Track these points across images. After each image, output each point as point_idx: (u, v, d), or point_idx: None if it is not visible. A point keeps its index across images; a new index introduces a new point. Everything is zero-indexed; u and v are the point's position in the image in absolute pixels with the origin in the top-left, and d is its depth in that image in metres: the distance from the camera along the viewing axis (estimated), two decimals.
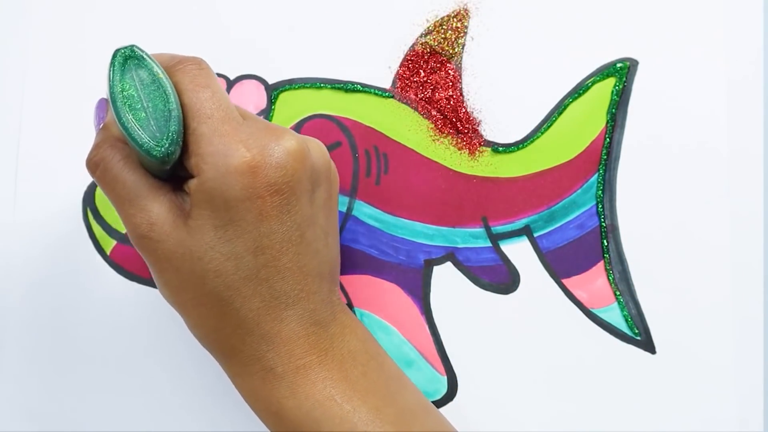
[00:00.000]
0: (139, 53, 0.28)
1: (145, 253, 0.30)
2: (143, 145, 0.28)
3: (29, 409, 0.39)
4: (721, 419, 0.39)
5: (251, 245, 0.28)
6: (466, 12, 0.41)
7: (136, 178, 0.29)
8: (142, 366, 0.39)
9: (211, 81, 0.30)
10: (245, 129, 0.29)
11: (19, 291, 0.40)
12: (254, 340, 0.29)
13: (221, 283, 0.29)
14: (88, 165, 0.30)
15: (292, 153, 0.29)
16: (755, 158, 0.40)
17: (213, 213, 0.28)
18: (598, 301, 0.40)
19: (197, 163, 0.28)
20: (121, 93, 0.28)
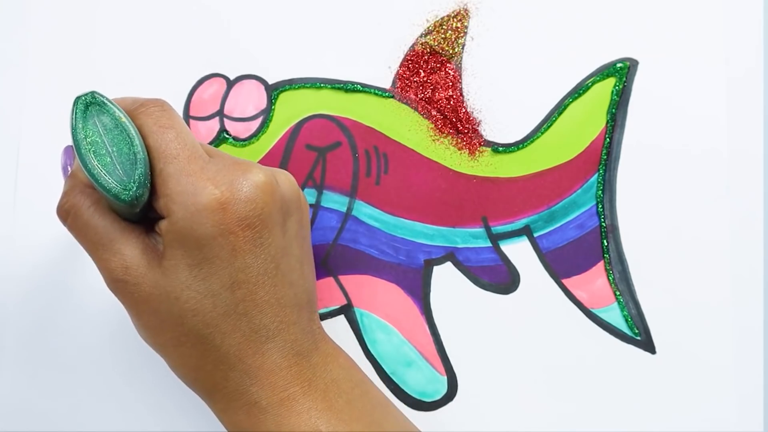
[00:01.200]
0: (100, 99, 0.28)
1: (121, 297, 0.30)
2: (111, 189, 0.28)
3: (29, 409, 0.39)
4: (721, 419, 0.39)
5: (227, 281, 0.29)
6: (466, 12, 0.41)
7: (107, 223, 0.30)
8: (142, 366, 0.39)
9: (174, 121, 0.29)
10: (212, 166, 0.29)
11: (19, 292, 0.40)
12: (237, 375, 0.29)
13: (200, 322, 0.29)
14: (59, 213, 0.31)
15: (261, 186, 0.29)
16: (755, 158, 0.40)
17: (186, 252, 0.28)
18: (598, 301, 0.40)
19: (166, 204, 0.28)
20: (85, 139, 0.28)
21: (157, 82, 0.41)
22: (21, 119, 0.41)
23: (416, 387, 0.39)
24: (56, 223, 0.40)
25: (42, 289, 0.40)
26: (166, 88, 0.40)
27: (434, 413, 0.39)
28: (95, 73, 0.41)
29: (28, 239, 0.40)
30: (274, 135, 0.40)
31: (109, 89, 0.40)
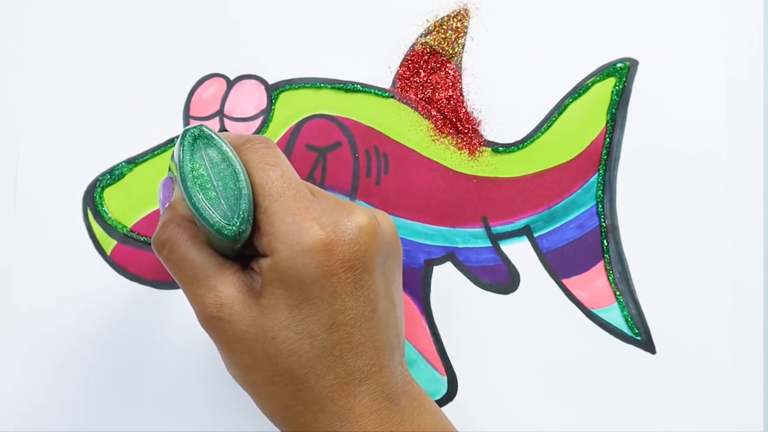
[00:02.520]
0: (208, 132, 0.28)
1: (214, 334, 0.29)
2: (214, 224, 0.27)
3: (29, 409, 0.39)
4: (721, 419, 0.39)
5: (326, 323, 0.28)
6: (466, 12, 0.41)
7: (204, 258, 0.29)
8: (142, 366, 0.39)
9: (279, 159, 0.29)
10: (317, 206, 0.29)
11: (19, 291, 0.40)
12: (327, 417, 0.29)
13: (295, 362, 0.28)
14: (155, 244, 0.30)
15: (365, 228, 0.29)
16: (755, 158, 0.40)
17: (287, 292, 0.28)
18: (598, 301, 0.40)
19: (270, 243, 0.28)
20: (191, 172, 0.28)
21: (157, 82, 0.41)
22: (21, 119, 0.41)
23: None
24: (56, 223, 0.40)
25: (42, 288, 0.40)
26: (166, 88, 0.40)
27: None
28: (95, 73, 0.41)
29: (28, 239, 0.40)
30: (274, 135, 0.40)
31: (109, 89, 0.41)
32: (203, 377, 0.39)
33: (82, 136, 0.40)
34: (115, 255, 0.40)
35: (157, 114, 0.40)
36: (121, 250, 0.40)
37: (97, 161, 0.40)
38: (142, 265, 0.40)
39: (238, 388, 0.39)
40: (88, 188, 0.40)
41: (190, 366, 0.39)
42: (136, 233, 0.40)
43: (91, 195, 0.40)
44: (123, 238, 0.40)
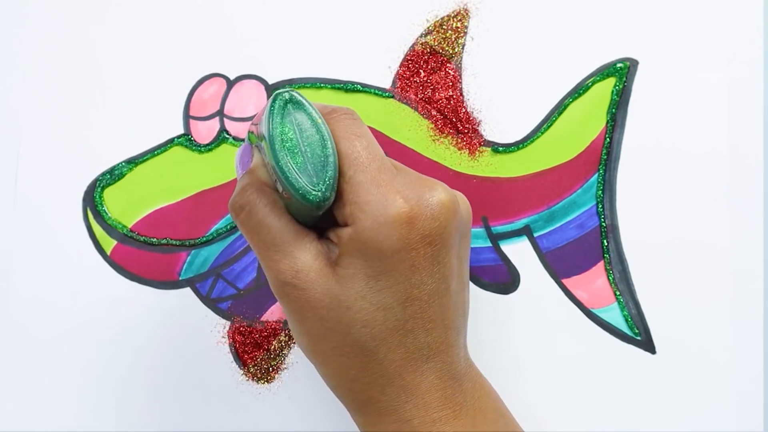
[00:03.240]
0: (299, 98, 0.28)
1: (286, 301, 0.29)
2: (300, 189, 0.27)
3: (29, 409, 0.39)
4: (721, 419, 0.39)
5: (401, 296, 0.28)
6: (466, 12, 0.41)
7: (283, 224, 0.29)
8: (142, 366, 0.39)
9: (364, 131, 0.29)
10: (400, 180, 0.29)
11: (19, 291, 0.40)
12: (393, 391, 0.29)
13: (368, 334, 0.28)
14: (233, 208, 0.30)
15: (446, 205, 0.29)
16: (755, 158, 0.40)
17: (366, 262, 0.28)
18: (598, 301, 0.40)
19: (353, 212, 0.28)
20: (281, 136, 0.27)
21: (157, 82, 0.41)
22: (21, 119, 0.41)
23: None
24: (56, 222, 0.40)
25: (42, 288, 0.40)
26: (166, 87, 0.40)
27: None
28: (96, 73, 0.41)
29: (28, 239, 0.40)
30: None
31: (109, 89, 0.41)
32: (203, 377, 0.39)
33: (83, 136, 0.40)
34: (115, 255, 0.40)
35: (157, 114, 0.40)
36: (121, 250, 0.40)
37: (97, 161, 0.40)
38: (142, 265, 0.40)
39: (238, 389, 0.39)
40: (88, 188, 0.40)
41: (190, 366, 0.39)
42: (136, 233, 0.40)
43: (91, 195, 0.40)
44: (123, 238, 0.40)
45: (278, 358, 0.39)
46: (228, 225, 0.40)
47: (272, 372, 0.39)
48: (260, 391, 0.39)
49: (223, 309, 0.40)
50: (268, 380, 0.39)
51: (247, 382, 0.39)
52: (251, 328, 0.40)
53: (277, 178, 0.28)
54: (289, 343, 0.40)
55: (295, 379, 0.39)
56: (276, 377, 0.39)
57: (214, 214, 0.40)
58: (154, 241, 0.40)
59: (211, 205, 0.40)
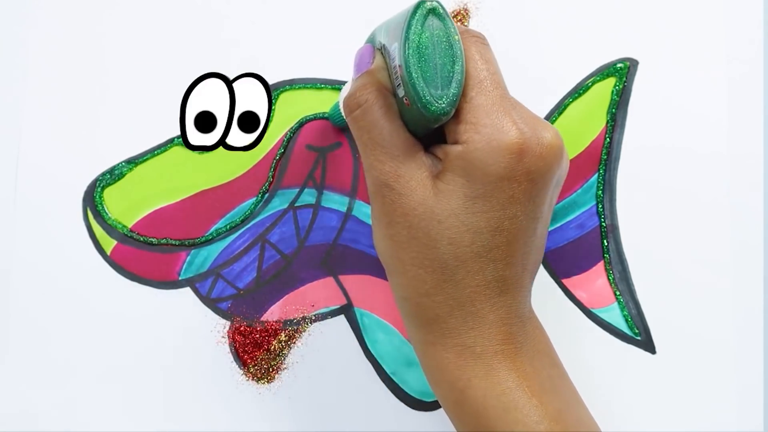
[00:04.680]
0: (441, 11, 0.28)
1: (380, 201, 0.29)
2: (423, 97, 0.27)
3: (29, 409, 0.39)
4: (721, 419, 0.39)
5: (493, 224, 0.28)
6: (466, 12, 0.41)
7: (394, 128, 0.29)
8: (142, 366, 0.39)
9: (492, 57, 0.30)
10: (518, 112, 0.29)
11: (19, 291, 0.40)
12: (462, 315, 0.29)
13: (452, 252, 0.29)
14: (348, 103, 0.30)
15: (555, 148, 0.29)
16: (755, 158, 0.40)
17: (468, 182, 0.28)
18: (598, 301, 0.40)
19: (467, 131, 0.28)
20: (417, 43, 0.28)
21: (156, 81, 0.41)
22: (21, 119, 0.41)
23: (416, 387, 0.39)
24: (56, 222, 0.40)
25: (42, 288, 0.40)
26: (165, 87, 0.40)
27: (434, 413, 0.39)
28: (95, 72, 0.41)
29: (28, 239, 0.40)
30: (275, 135, 0.40)
31: (109, 89, 0.41)
32: (203, 377, 0.39)
33: (82, 136, 0.40)
34: (115, 255, 0.40)
35: (157, 114, 0.40)
36: (121, 250, 0.40)
37: (97, 161, 0.40)
38: (142, 265, 0.40)
39: (238, 388, 0.39)
40: (88, 188, 0.40)
41: (189, 365, 0.39)
42: (136, 233, 0.40)
43: (91, 195, 0.40)
44: (123, 238, 0.40)
45: (278, 358, 0.39)
46: (228, 225, 0.40)
47: (272, 372, 0.39)
48: (260, 391, 0.39)
49: (223, 309, 0.40)
50: (268, 380, 0.39)
51: (247, 382, 0.39)
52: (251, 328, 0.40)
53: (402, 83, 0.28)
54: (289, 343, 0.40)
55: (295, 379, 0.39)
56: (276, 377, 0.39)
57: (214, 214, 0.40)
58: (153, 241, 0.40)
59: (210, 205, 0.40)
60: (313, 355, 0.39)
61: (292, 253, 0.40)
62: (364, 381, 0.39)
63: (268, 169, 0.40)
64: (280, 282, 0.40)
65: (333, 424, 0.39)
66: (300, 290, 0.40)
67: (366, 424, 0.39)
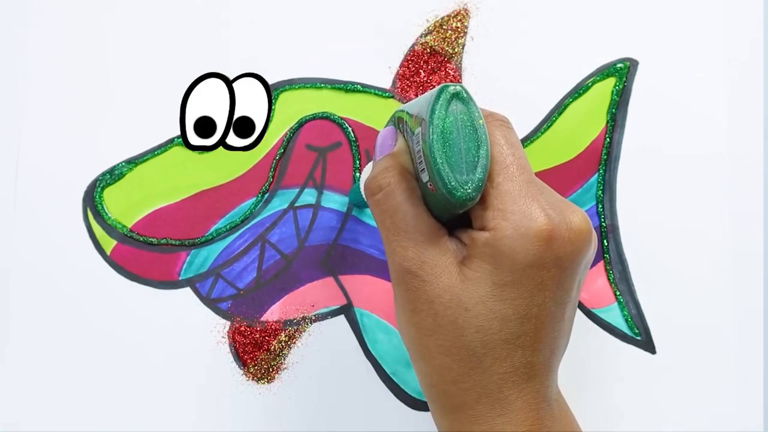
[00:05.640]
0: (466, 95, 0.28)
1: (404, 288, 0.29)
2: (449, 183, 0.27)
3: (29, 409, 0.39)
4: (721, 419, 0.39)
5: (521, 311, 0.28)
6: (466, 12, 0.41)
7: (418, 214, 0.29)
8: (142, 365, 0.39)
9: (517, 141, 0.29)
10: (545, 197, 0.29)
11: (20, 291, 0.40)
12: (489, 402, 0.29)
13: (479, 340, 0.28)
14: (370, 186, 0.30)
15: (584, 232, 0.29)
16: (755, 158, 0.40)
17: (496, 270, 0.28)
18: (598, 301, 0.40)
19: (495, 218, 0.28)
20: (442, 128, 0.27)
21: (156, 81, 0.41)
22: (21, 119, 0.41)
23: (416, 387, 0.39)
24: (56, 222, 0.40)
25: (42, 288, 0.40)
26: (165, 87, 0.40)
27: None
28: (95, 73, 0.41)
29: (28, 239, 0.40)
30: (274, 135, 0.40)
31: (109, 89, 0.41)
32: (203, 377, 0.39)
33: (82, 135, 0.40)
34: (114, 255, 0.40)
35: (157, 114, 0.40)
36: (121, 250, 0.40)
37: (97, 161, 0.40)
38: (141, 265, 0.40)
39: (238, 389, 0.39)
40: (88, 188, 0.40)
41: (189, 366, 0.39)
42: (136, 233, 0.40)
43: (91, 195, 0.40)
44: (123, 238, 0.40)
45: (278, 358, 0.39)
46: (228, 225, 0.40)
47: (272, 372, 0.39)
48: (260, 391, 0.39)
49: (223, 309, 0.40)
50: (269, 380, 0.39)
51: (247, 382, 0.39)
52: (251, 328, 0.40)
53: (427, 169, 0.28)
54: (289, 343, 0.40)
55: (295, 379, 0.39)
56: (276, 377, 0.39)
57: (214, 214, 0.40)
58: (153, 241, 0.40)
59: (210, 205, 0.40)
60: (313, 355, 0.39)
61: (292, 253, 0.40)
62: (364, 381, 0.39)
63: (268, 169, 0.40)
64: (280, 282, 0.40)
65: (333, 424, 0.39)
66: (300, 290, 0.40)
67: (366, 424, 0.39)
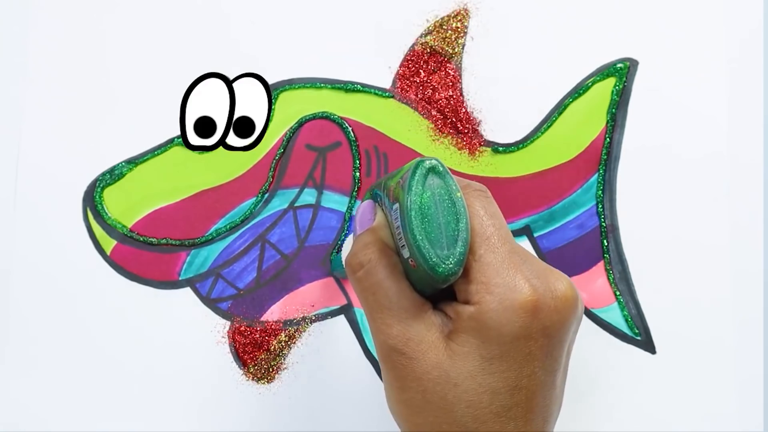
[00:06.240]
0: (442, 169, 0.28)
1: (390, 367, 0.28)
2: (429, 259, 0.26)
3: (29, 409, 0.39)
4: (721, 419, 0.39)
5: (512, 383, 0.28)
6: (466, 12, 0.41)
7: (401, 289, 0.28)
8: (141, 365, 0.39)
9: (497, 211, 0.29)
10: (528, 266, 0.28)
11: (20, 291, 0.40)
12: None
13: (470, 414, 0.28)
14: (350, 263, 0.30)
15: (570, 299, 0.28)
16: (755, 158, 0.40)
17: (483, 344, 0.27)
18: (598, 301, 0.40)
19: (478, 291, 0.27)
20: (419, 204, 0.27)
21: (156, 81, 0.41)
22: (21, 119, 0.41)
23: None
24: (56, 222, 0.40)
25: (42, 288, 0.40)
26: (165, 87, 0.40)
27: None
28: (95, 73, 0.41)
29: (28, 239, 0.40)
30: (274, 135, 0.40)
31: (109, 89, 0.41)
32: (203, 377, 0.39)
33: (82, 135, 0.40)
34: (114, 255, 0.40)
35: (157, 114, 0.40)
36: (120, 250, 0.40)
37: (97, 161, 0.40)
38: (141, 264, 0.40)
39: (238, 389, 0.39)
40: (88, 188, 0.40)
41: (189, 365, 0.39)
42: (136, 233, 0.40)
43: (91, 195, 0.40)
44: (123, 237, 0.40)
45: (278, 358, 0.39)
46: (228, 225, 0.40)
47: (272, 372, 0.39)
48: (260, 391, 0.39)
49: (223, 309, 0.40)
50: (269, 380, 0.39)
51: (247, 382, 0.39)
52: (251, 328, 0.40)
53: (407, 245, 0.27)
54: (289, 343, 0.40)
55: (295, 379, 0.39)
56: (276, 377, 0.39)
57: (214, 214, 0.40)
58: (153, 241, 0.40)
59: (210, 205, 0.40)
60: (313, 355, 0.39)
61: (292, 253, 0.40)
62: (364, 381, 0.39)
63: (268, 169, 0.40)
64: (280, 282, 0.40)
65: (333, 424, 0.39)
66: (300, 290, 0.40)
67: (366, 424, 0.39)
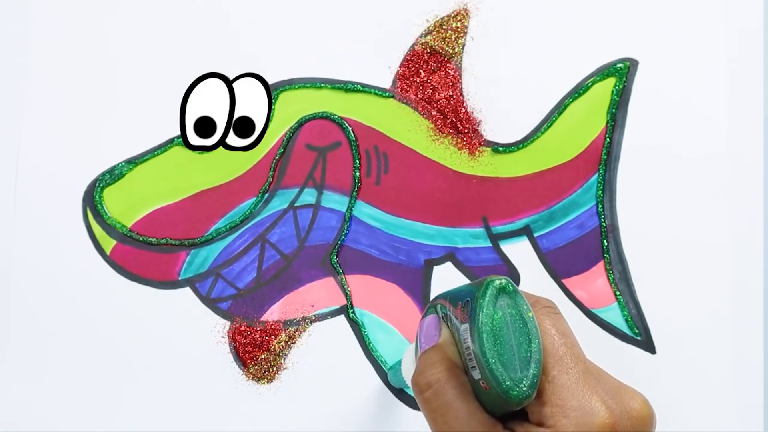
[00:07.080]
0: (513, 288, 0.27)
1: None
2: (503, 383, 0.25)
3: (29, 409, 0.39)
4: (721, 419, 0.39)
5: None
6: (466, 12, 0.41)
7: (470, 411, 0.27)
8: (141, 365, 0.39)
9: (567, 328, 0.28)
10: (602, 386, 0.27)
11: (20, 291, 0.40)
12: None
13: None
14: (419, 383, 0.29)
15: (646, 418, 0.28)
16: (755, 158, 0.40)
17: None
18: (598, 301, 0.40)
19: (554, 414, 0.27)
20: (491, 325, 0.26)
21: (157, 81, 0.41)
22: (21, 119, 0.41)
23: None
24: (56, 222, 0.40)
25: (42, 288, 0.40)
26: (165, 87, 0.40)
27: None
28: (95, 73, 0.41)
29: (28, 239, 0.40)
30: (274, 135, 0.40)
31: (109, 89, 0.41)
32: (203, 376, 0.39)
33: (82, 135, 0.40)
34: (114, 255, 0.40)
35: (157, 114, 0.40)
36: (120, 250, 0.40)
37: (97, 161, 0.40)
38: (141, 264, 0.40)
39: (238, 389, 0.39)
40: (88, 188, 0.40)
41: (189, 365, 0.39)
42: (136, 233, 0.40)
43: (90, 195, 0.40)
44: (122, 237, 0.40)
45: (278, 358, 0.39)
46: (228, 225, 0.40)
47: (272, 372, 0.39)
48: (260, 391, 0.39)
49: (223, 309, 0.40)
50: (269, 380, 0.39)
51: (247, 382, 0.39)
52: (251, 328, 0.40)
53: (478, 367, 0.26)
54: (289, 343, 0.40)
55: (295, 379, 0.39)
56: (276, 377, 0.39)
57: (214, 214, 0.40)
58: (153, 241, 0.40)
59: (210, 205, 0.40)
60: (313, 355, 0.39)
61: (292, 253, 0.40)
62: (364, 381, 0.39)
63: (268, 169, 0.40)
64: (280, 282, 0.40)
65: (333, 424, 0.39)
66: (300, 290, 0.40)
67: (366, 424, 0.39)
